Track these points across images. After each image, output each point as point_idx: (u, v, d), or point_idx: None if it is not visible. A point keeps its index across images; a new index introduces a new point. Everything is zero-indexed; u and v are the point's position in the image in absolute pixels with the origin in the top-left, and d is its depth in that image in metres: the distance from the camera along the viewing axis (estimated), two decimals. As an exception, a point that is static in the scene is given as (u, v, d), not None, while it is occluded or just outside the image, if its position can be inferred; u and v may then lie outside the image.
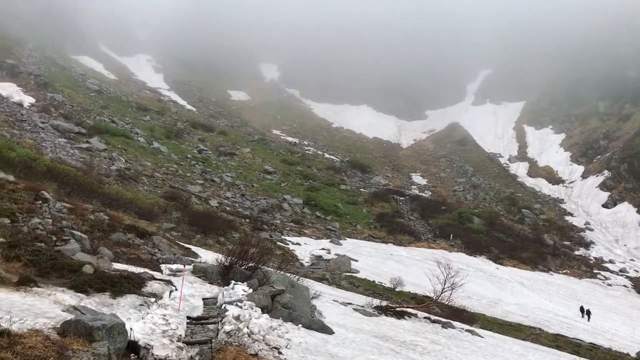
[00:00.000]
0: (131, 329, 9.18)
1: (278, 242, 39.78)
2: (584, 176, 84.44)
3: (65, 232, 15.46)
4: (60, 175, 28.33)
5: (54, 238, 14.58)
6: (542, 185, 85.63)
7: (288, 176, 66.07)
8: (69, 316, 8.85)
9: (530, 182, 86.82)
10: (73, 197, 24.67)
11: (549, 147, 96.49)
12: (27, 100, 57.99)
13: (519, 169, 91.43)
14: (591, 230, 71.06)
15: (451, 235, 58.70)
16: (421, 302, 27.27)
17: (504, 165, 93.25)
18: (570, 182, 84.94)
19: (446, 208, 68.34)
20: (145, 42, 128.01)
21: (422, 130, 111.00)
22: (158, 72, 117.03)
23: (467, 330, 21.33)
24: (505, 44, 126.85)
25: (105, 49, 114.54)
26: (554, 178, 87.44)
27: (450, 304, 24.73)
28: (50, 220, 16.10)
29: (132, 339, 8.98)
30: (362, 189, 70.44)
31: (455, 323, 22.26)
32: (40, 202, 17.75)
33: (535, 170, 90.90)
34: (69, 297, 10.31)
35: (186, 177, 52.72)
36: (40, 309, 9.22)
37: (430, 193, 78.47)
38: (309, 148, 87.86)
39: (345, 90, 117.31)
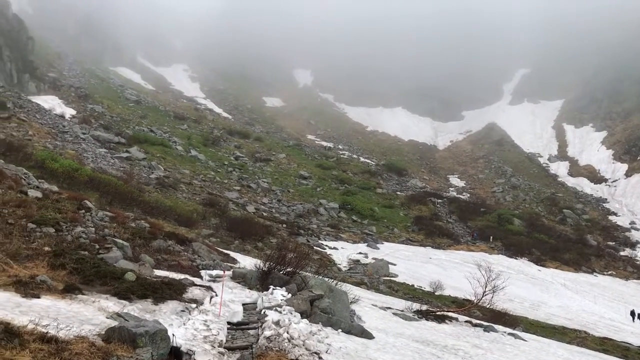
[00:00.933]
0: (173, 335, 9.28)
1: (315, 247, 39.80)
2: (628, 174, 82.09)
3: (108, 240, 15.77)
4: (102, 185, 28.97)
5: (97, 246, 14.88)
6: (583, 185, 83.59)
7: (323, 181, 66.13)
8: (113, 323, 9.01)
9: (571, 181, 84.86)
10: (114, 205, 25.19)
11: (589, 146, 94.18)
12: (69, 112, 59.64)
13: (560, 169, 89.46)
14: (637, 229, 68.95)
15: (491, 237, 57.77)
16: (462, 305, 26.89)
17: (544, 165, 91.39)
18: (614, 181, 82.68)
19: (485, 210, 67.33)
20: (181, 53, 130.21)
21: (459, 131, 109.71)
22: (194, 81, 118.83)
23: (509, 334, 20.92)
24: (541, 43, 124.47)
25: (143, 60, 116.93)
26: (596, 177, 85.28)
27: (491, 307, 24.32)
28: (93, 229, 16.44)
29: (175, 344, 9.08)
30: (398, 192, 69.97)
31: (497, 326, 21.86)
32: (83, 211, 18.14)
33: (576, 170, 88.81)
34: (113, 304, 10.50)
35: (223, 183, 53.31)
36: (85, 315, 9.41)
37: (468, 195, 77.44)
38: (343, 152, 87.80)
39: (379, 93, 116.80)
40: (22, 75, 66.09)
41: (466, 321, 21.33)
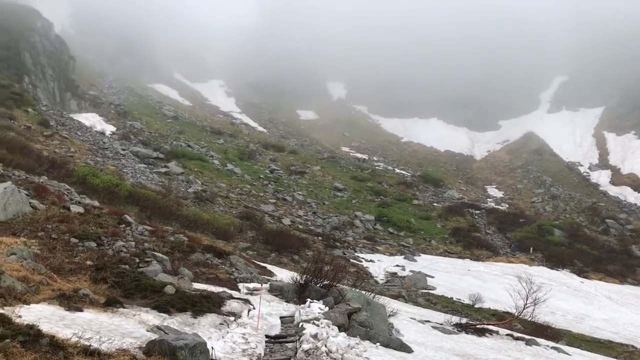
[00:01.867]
0: (212, 348, 9.33)
1: (351, 260, 39.63)
2: (675, 182, 79.51)
3: (147, 254, 16.02)
4: (141, 199, 29.49)
5: (137, 260, 15.14)
6: (627, 194, 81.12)
7: (359, 193, 65.95)
8: (153, 336, 9.12)
9: (613, 190, 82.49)
10: (154, 219, 25.61)
11: (632, 154, 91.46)
12: (109, 128, 61.16)
13: (601, 178, 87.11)
14: (685, 239, 66.55)
15: (531, 248, 56.55)
16: (502, 318, 26.33)
17: (584, 174, 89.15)
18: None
19: (524, 220, 66.02)
20: (217, 68, 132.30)
21: (496, 141, 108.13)
22: (230, 96, 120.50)
23: (552, 348, 20.39)
24: (578, 49, 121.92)
25: (180, 77, 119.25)
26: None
27: (533, 320, 23.73)
28: (133, 243, 16.74)
29: (213, 357, 9.13)
30: (435, 204, 69.25)
31: (539, 340, 21.34)
32: (123, 225, 18.50)
33: (618, 178, 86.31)
34: (153, 317, 10.64)
35: (259, 196, 53.68)
36: (127, 329, 9.55)
37: (507, 205, 76.11)
38: (378, 164, 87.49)
39: (414, 103, 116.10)
40: (64, 94, 68.12)
41: (507, 334, 20.88)
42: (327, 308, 13.83)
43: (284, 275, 22.03)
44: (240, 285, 16.86)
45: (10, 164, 23.22)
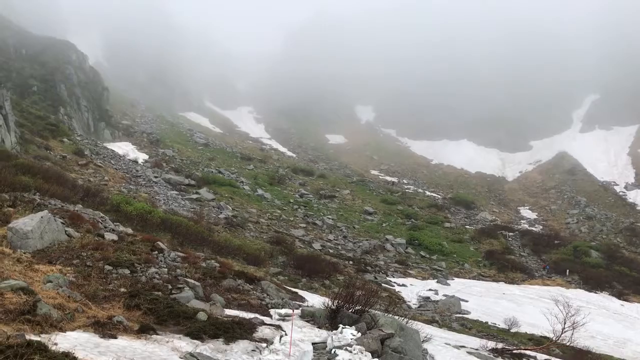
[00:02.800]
0: (245, 375, 9.28)
1: (383, 284, 39.22)
2: None
3: (180, 280, 16.12)
4: (174, 226, 29.80)
5: (170, 286, 15.23)
6: (666, 214, 78.96)
7: (389, 216, 65.56)
8: (186, 363, 9.12)
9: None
10: (186, 246, 25.83)
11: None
12: (141, 157, 62.33)
13: (638, 197, 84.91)
14: None
15: (567, 270, 55.17)
16: (539, 343, 25.64)
17: (620, 193, 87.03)
18: (700, 209, 77.78)
19: (560, 242, 64.58)
20: (246, 95, 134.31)
21: (528, 161, 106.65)
22: (259, 122, 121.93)
23: (594, 374, 19.73)
24: (610, 67, 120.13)
25: (210, 104, 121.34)
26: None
27: (572, 344, 23.04)
28: (166, 270, 16.87)
29: (246, 385, 9.07)
30: (467, 226, 68.34)
31: (579, 366, 20.68)
32: (156, 252, 18.69)
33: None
34: (186, 344, 10.65)
35: (289, 221, 53.76)
36: (160, 355, 9.58)
37: (541, 227, 74.65)
38: (408, 186, 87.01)
39: (443, 125, 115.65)
40: (99, 123, 69.79)
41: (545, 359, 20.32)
42: (359, 334, 13.66)
43: (316, 300, 21.89)
44: (272, 311, 16.79)
45: (47, 193, 23.76)
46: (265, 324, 14.00)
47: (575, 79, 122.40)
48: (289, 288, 25.20)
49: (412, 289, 40.61)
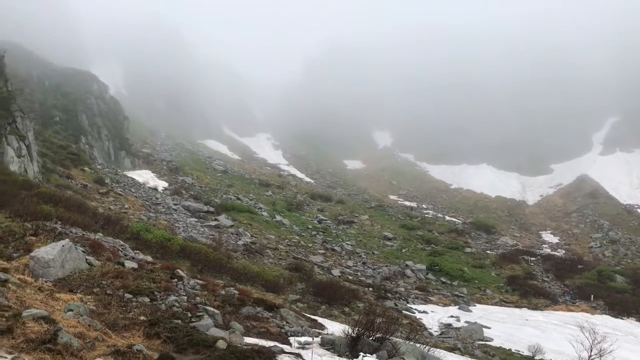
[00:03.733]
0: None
1: (404, 311, 38.71)
2: None
3: (199, 308, 16.06)
4: (193, 253, 29.84)
5: (189, 314, 15.18)
6: (692, 236, 77.26)
7: (409, 241, 65.04)
8: (206, 393, 9.02)
9: (677, 233, 78.74)
10: (205, 273, 25.82)
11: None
12: (161, 184, 62.91)
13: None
14: None
15: (592, 296, 53.98)
16: (566, 371, 24.97)
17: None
18: None
19: (583, 267, 63.37)
20: (264, 122, 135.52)
21: (548, 185, 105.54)
22: (277, 148, 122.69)
23: (623, 404, 19.11)
24: (630, 88, 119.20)
25: (229, 132, 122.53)
26: None
27: (599, 373, 22.41)
28: (185, 297, 16.84)
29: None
30: (488, 251, 67.48)
31: (608, 395, 20.07)
32: (175, 280, 18.69)
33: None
34: (205, 373, 10.56)
35: (308, 247, 53.58)
36: (179, 385, 9.50)
37: (563, 251, 73.43)
38: (427, 211, 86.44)
39: (461, 149, 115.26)
40: (119, 152, 70.75)
41: (572, 389, 19.76)
42: (380, 362, 13.44)
43: (335, 328, 21.64)
44: (292, 339, 16.63)
45: (68, 222, 23.99)
46: (285, 352, 13.85)
47: (594, 101, 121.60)
48: (308, 315, 24.98)
49: (433, 315, 40.00)
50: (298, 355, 14.02)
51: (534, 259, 65.52)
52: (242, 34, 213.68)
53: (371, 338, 16.10)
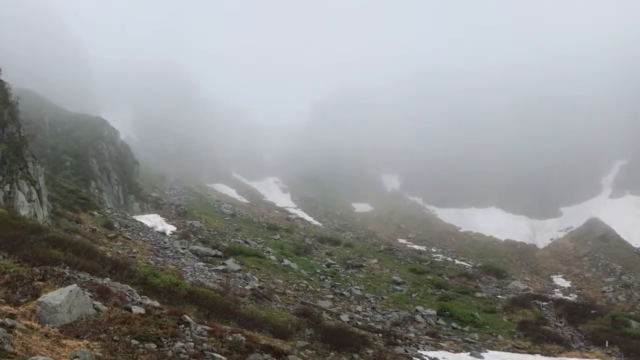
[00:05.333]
0: None
1: (414, 358, 37.94)
2: None
3: (206, 355, 15.84)
4: (200, 298, 29.57)
5: (196, 361, 14.97)
6: None
7: (418, 286, 64.26)
8: None
9: (692, 277, 77.42)
10: (212, 319, 25.52)
11: None
12: (169, 228, 62.94)
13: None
14: None
15: (606, 342, 52.78)
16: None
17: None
18: None
19: (596, 312, 62.17)
20: (272, 166, 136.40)
21: (558, 228, 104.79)
22: (285, 192, 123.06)
23: None
24: (636, 131, 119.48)
25: (237, 175, 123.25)
26: None
27: None
28: (192, 344, 16.63)
29: None
30: (499, 296, 66.50)
31: None
32: (182, 325, 18.49)
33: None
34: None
35: (316, 292, 53.00)
36: None
37: (575, 296, 72.30)
38: (437, 255, 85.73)
39: (470, 192, 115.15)
40: (128, 196, 71.15)
41: None
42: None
43: (345, 375, 21.22)
44: (300, 387, 16.31)
45: (76, 267, 23.95)
46: (293, 402, 13.57)
47: (601, 145, 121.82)
48: (317, 362, 24.54)
49: (445, 362, 39.22)
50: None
51: (545, 303, 64.44)
52: (250, 79, 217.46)
53: (381, 386, 15.77)
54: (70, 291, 16.64)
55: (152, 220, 64.45)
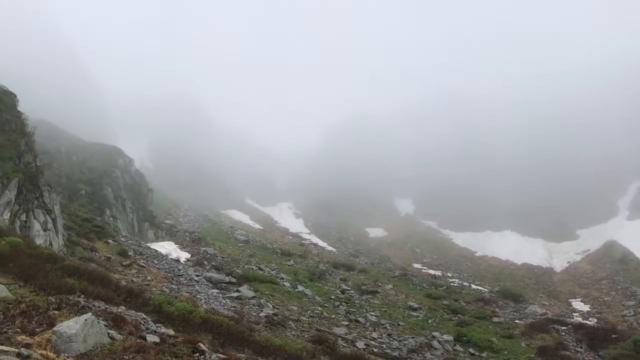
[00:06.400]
0: None
1: (432, 385, 37.31)
2: None
3: (221, 384, 15.69)
4: (215, 326, 29.40)
5: (211, 391, 14.81)
6: None
7: (434, 311, 63.45)
8: None
9: None
10: (227, 347, 25.32)
11: None
12: (183, 255, 62.98)
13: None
14: None
15: (629, 367, 51.56)
16: None
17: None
18: None
19: (617, 336, 60.79)
20: (285, 191, 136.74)
21: (575, 251, 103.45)
22: (298, 217, 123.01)
23: None
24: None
25: (250, 202, 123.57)
26: None
27: None
28: (207, 373, 16.49)
29: None
30: (517, 320, 65.43)
31: None
32: (197, 354, 18.35)
33: None
34: None
35: (331, 318, 52.50)
36: None
37: (595, 320, 70.95)
38: (453, 280, 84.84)
39: (485, 216, 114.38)
40: (143, 224, 71.46)
41: None
42: None
43: (361, 404, 20.89)
44: (316, 417, 16.06)
45: (91, 295, 23.96)
46: None
47: (617, 166, 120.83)
48: (333, 391, 24.20)
49: (463, 389, 38.46)
50: None
51: (565, 328, 63.25)
52: (262, 105, 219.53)
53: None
54: (86, 320, 16.61)
55: (166, 248, 64.57)
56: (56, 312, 19.75)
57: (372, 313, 57.80)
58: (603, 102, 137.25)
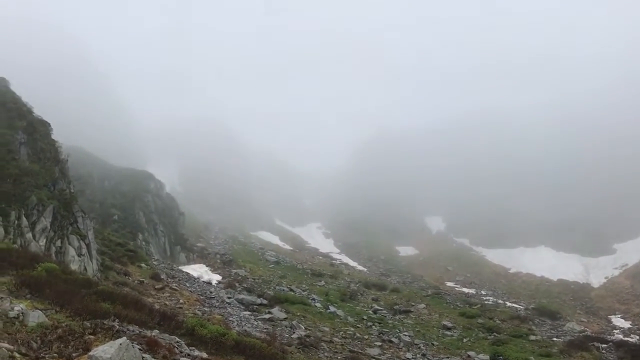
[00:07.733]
0: None
1: (469, 406, 36.47)
2: None
3: (255, 407, 15.57)
4: (247, 348, 29.28)
5: (245, 415, 14.71)
6: None
7: (469, 330, 62.24)
8: None
9: None
10: (260, 369, 25.19)
11: None
12: (215, 278, 63.28)
13: None
14: None
15: (675, 386, 49.71)
16: None
17: None
18: None
19: (662, 354, 58.80)
20: (314, 211, 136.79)
21: (613, 266, 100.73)
22: (328, 237, 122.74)
23: None
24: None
25: (280, 222, 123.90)
26: None
27: None
28: (241, 396, 16.40)
29: None
30: (554, 338, 63.71)
31: None
32: (231, 377, 18.30)
33: None
34: None
35: (364, 339, 51.90)
36: None
37: (637, 337, 68.68)
38: (487, 298, 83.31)
39: (518, 232, 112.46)
40: (174, 247, 72.13)
41: None
42: None
43: None
44: None
45: (125, 319, 24.12)
46: None
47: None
48: (369, 413, 23.82)
49: (501, 411, 37.51)
50: None
51: (605, 345, 61.31)
52: (290, 126, 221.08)
53: None
54: (120, 344, 16.73)
55: (198, 270, 64.98)
56: (91, 336, 19.94)
57: (405, 333, 56.97)
58: (638, 114, 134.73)
